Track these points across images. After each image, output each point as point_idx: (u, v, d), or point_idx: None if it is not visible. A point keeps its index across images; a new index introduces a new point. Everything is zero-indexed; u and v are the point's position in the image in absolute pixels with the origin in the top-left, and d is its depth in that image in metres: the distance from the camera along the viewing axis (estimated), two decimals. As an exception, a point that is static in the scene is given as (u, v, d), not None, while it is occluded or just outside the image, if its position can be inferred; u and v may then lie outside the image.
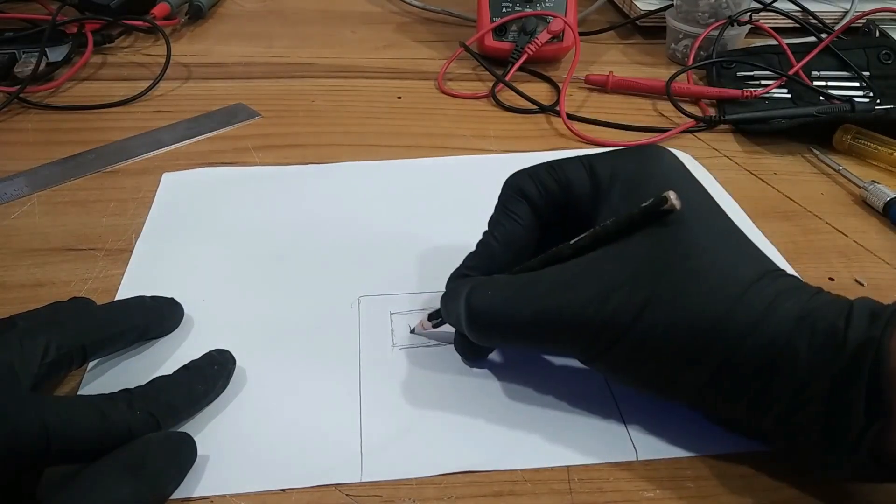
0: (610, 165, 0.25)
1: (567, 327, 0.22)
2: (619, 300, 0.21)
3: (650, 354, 0.21)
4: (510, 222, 0.26)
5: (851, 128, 0.42)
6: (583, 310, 0.22)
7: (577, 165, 0.26)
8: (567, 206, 0.26)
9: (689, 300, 0.21)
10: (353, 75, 0.51)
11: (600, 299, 0.22)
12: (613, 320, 0.21)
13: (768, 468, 0.23)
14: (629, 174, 0.24)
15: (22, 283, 0.31)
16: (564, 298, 0.22)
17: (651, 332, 0.21)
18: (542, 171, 0.26)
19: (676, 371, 0.22)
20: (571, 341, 0.23)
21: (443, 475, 0.23)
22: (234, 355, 0.26)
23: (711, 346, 0.21)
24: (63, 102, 0.46)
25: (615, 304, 0.21)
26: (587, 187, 0.25)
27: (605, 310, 0.21)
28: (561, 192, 0.26)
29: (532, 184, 0.26)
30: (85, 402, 0.22)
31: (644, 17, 0.58)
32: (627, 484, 0.23)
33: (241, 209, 0.36)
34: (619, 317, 0.21)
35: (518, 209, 0.26)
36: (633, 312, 0.21)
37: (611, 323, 0.21)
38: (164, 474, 0.22)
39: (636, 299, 0.21)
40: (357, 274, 0.32)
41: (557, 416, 0.25)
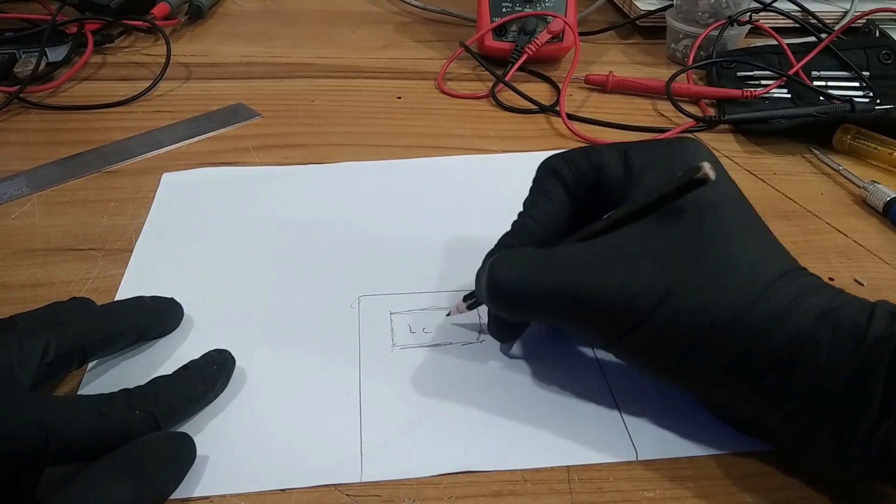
0: (644, 153, 0.25)
1: (588, 306, 0.22)
2: (643, 284, 0.21)
3: (670, 341, 0.21)
4: (545, 200, 0.26)
5: (851, 128, 0.42)
6: (605, 290, 0.22)
7: (611, 150, 0.26)
8: (598, 189, 0.26)
9: (713, 291, 0.21)
10: (353, 75, 0.51)
11: (624, 281, 0.22)
12: (636, 304, 0.21)
13: (768, 468, 0.23)
14: (662, 162, 0.24)
15: (22, 283, 0.31)
16: (587, 276, 0.22)
17: (672, 320, 0.21)
18: (576, 153, 0.26)
19: (695, 360, 0.22)
20: (591, 321, 0.23)
21: (443, 475, 0.23)
22: (233, 355, 0.26)
23: (732, 337, 0.21)
24: (63, 102, 0.46)
25: (639, 287, 0.21)
26: (620, 172, 0.25)
27: (627, 292, 0.21)
28: (593, 175, 0.26)
29: (565, 165, 0.26)
30: (84, 402, 0.22)
31: (644, 17, 0.58)
32: (627, 483, 0.23)
33: (241, 209, 0.36)
34: (641, 300, 0.21)
35: (552, 188, 0.26)
36: (656, 298, 0.21)
37: (633, 306, 0.21)
38: (164, 474, 0.22)
39: (660, 285, 0.21)
40: (357, 274, 0.32)
41: (557, 416, 0.25)
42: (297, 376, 0.27)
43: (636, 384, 0.26)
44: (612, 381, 0.26)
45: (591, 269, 0.22)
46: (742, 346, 0.21)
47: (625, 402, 0.26)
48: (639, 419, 0.25)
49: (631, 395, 0.26)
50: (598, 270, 0.22)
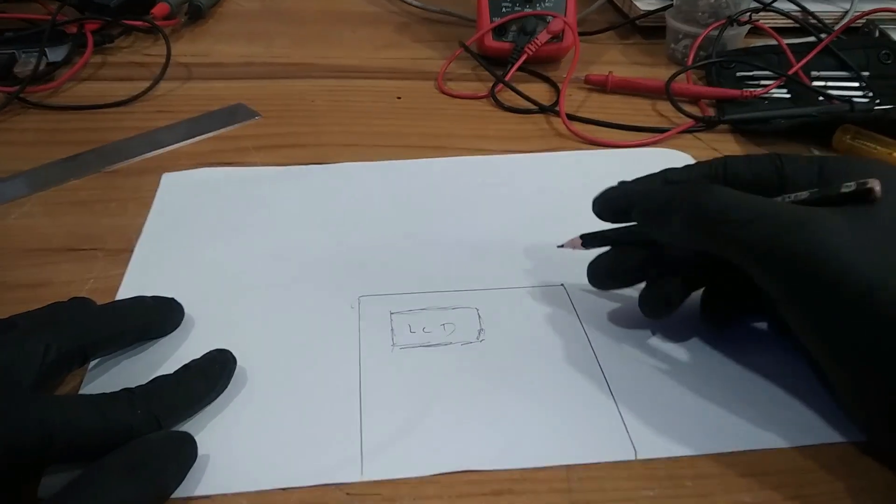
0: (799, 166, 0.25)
1: (805, 264, 0.21)
2: (864, 260, 0.21)
3: (887, 328, 0.20)
4: (703, 168, 0.27)
5: (851, 128, 0.42)
6: (826, 253, 0.21)
7: (766, 161, 0.26)
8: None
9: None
10: (353, 75, 0.51)
11: (844, 250, 0.21)
12: (854, 276, 0.21)
13: (766, 467, 0.24)
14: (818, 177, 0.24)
15: (22, 284, 0.31)
16: (807, 234, 0.21)
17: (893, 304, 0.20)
18: (736, 159, 0.27)
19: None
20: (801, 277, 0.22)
21: (443, 474, 0.23)
22: (234, 355, 0.26)
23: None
24: (63, 102, 0.46)
25: (860, 261, 0.21)
26: (774, 182, 0.25)
27: (847, 263, 0.21)
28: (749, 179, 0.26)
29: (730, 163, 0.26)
30: (86, 402, 0.22)
31: (644, 17, 0.58)
32: (627, 482, 0.23)
33: (242, 209, 0.36)
34: (861, 275, 0.20)
35: (715, 167, 0.27)
36: (877, 277, 0.20)
37: (852, 279, 0.21)
38: (165, 474, 0.22)
39: (882, 264, 0.21)
40: (357, 274, 0.32)
41: (557, 416, 0.25)
42: (297, 376, 0.27)
43: (635, 383, 0.26)
44: (611, 381, 0.26)
45: (808, 228, 0.21)
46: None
47: (624, 402, 0.26)
48: (638, 418, 0.25)
49: (630, 395, 0.26)
50: (815, 232, 0.21)
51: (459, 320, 0.29)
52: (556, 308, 0.30)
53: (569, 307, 0.30)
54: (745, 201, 0.23)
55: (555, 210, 0.36)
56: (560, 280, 0.31)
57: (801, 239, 0.21)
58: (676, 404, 0.25)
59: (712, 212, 0.23)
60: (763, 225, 0.22)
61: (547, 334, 0.29)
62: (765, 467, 0.24)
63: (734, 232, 0.23)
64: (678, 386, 0.26)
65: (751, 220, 0.22)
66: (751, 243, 0.22)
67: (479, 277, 0.31)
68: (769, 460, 0.24)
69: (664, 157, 0.42)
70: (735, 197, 0.23)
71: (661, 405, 0.25)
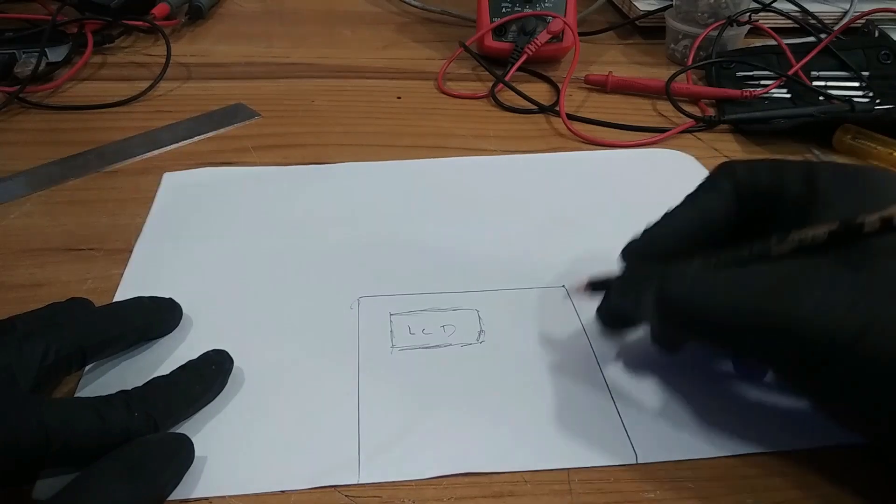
0: (834, 177, 0.23)
1: (780, 335, 0.20)
2: (841, 314, 0.19)
3: (873, 376, 0.19)
4: (711, 195, 0.25)
5: (851, 128, 0.42)
6: (799, 318, 0.20)
7: (796, 168, 0.24)
8: (774, 204, 0.24)
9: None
10: (353, 75, 0.51)
11: (820, 310, 0.20)
12: (833, 335, 0.19)
13: (768, 470, 0.23)
14: (855, 191, 0.23)
15: (21, 283, 0.31)
16: (779, 302, 0.20)
17: (876, 355, 0.19)
18: (759, 163, 0.25)
19: (892, 403, 0.20)
20: (779, 352, 0.21)
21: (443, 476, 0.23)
22: (231, 355, 0.26)
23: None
24: (63, 102, 0.46)
25: (836, 317, 0.19)
26: (803, 192, 0.23)
27: (823, 322, 0.20)
28: (772, 188, 0.24)
29: (746, 171, 0.25)
30: (83, 404, 0.22)
31: (643, 18, 0.58)
32: (627, 485, 0.23)
33: (241, 209, 0.36)
34: (840, 333, 0.19)
35: (724, 186, 0.25)
36: (857, 330, 0.19)
37: (829, 338, 0.19)
38: (162, 475, 0.21)
39: (861, 316, 0.19)
40: (357, 274, 0.32)
41: (557, 419, 0.25)
42: (296, 377, 0.26)
43: (636, 386, 0.26)
44: (612, 384, 0.26)
45: (780, 293, 0.20)
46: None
47: (624, 405, 0.26)
48: (638, 422, 0.25)
49: (630, 398, 0.26)
50: (789, 294, 0.20)
51: (459, 322, 0.29)
52: (556, 309, 0.30)
53: (570, 309, 0.30)
54: (710, 285, 0.22)
55: (555, 210, 0.36)
56: (561, 281, 0.31)
57: (778, 310, 0.20)
58: (678, 407, 0.25)
59: (680, 307, 0.22)
60: (733, 310, 0.21)
61: (547, 336, 0.29)
62: (766, 470, 0.23)
63: (708, 322, 0.22)
64: (679, 389, 0.26)
65: (718, 305, 0.21)
66: (725, 329, 0.22)
67: (480, 278, 0.31)
68: (771, 463, 0.24)
69: (664, 157, 0.42)
70: (700, 283, 0.22)
71: (661, 408, 0.25)
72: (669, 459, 0.24)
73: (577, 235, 0.34)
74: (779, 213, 0.24)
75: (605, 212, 0.36)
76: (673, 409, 0.25)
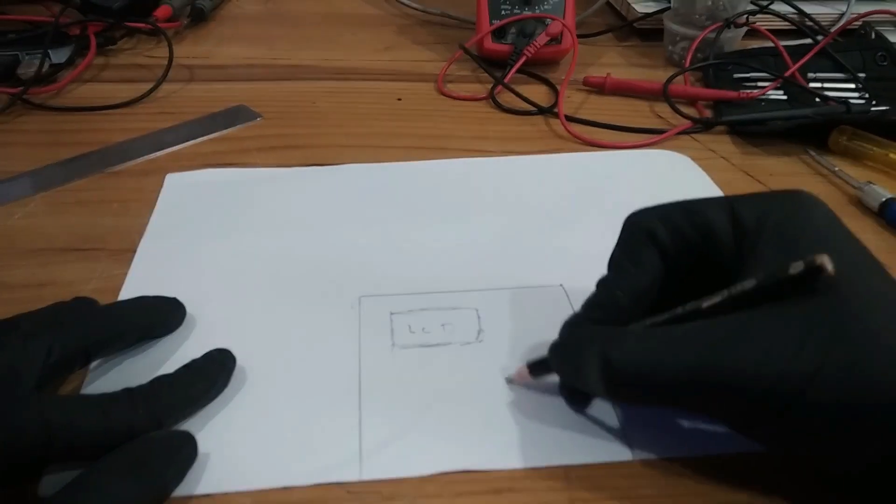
0: (755, 211, 0.23)
1: (725, 391, 0.20)
2: (785, 364, 0.19)
3: (823, 426, 0.19)
4: (636, 270, 0.24)
5: (847, 129, 0.42)
6: (744, 372, 0.19)
7: (715, 208, 0.23)
8: (704, 252, 0.23)
9: (869, 365, 0.19)
10: (354, 77, 0.52)
11: (763, 362, 0.19)
12: (780, 386, 0.19)
13: (764, 467, 0.24)
14: (777, 223, 0.22)
15: (25, 283, 0.31)
16: (722, 358, 0.20)
17: (826, 401, 0.19)
18: (676, 214, 0.24)
19: (851, 446, 0.19)
20: (727, 407, 0.21)
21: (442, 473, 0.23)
22: (234, 354, 0.27)
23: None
24: (66, 104, 0.46)
25: (781, 367, 0.19)
26: (729, 234, 0.23)
27: (769, 374, 0.19)
28: (699, 240, 0.23)
29: (664, 229, 0.24)
30: (87, 402, 0.22)
31: (641, 20, 0.58)
32: (624, 481, 0.23)
33: (244, 210, 0.36)
34: (786, 383, 0.19)
35: (646, 257, 0.24)
36: (804, 378, 0.19)
37: (777, 389, 0.19)
38: (166, 472, 0.22)
39: (806, 364, 0.19)
40: (357, 274, 0.32)
41: (554, 416, 0.25)
42: (297, 375, 0.27)
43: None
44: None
45: (722, 349, 0.20)
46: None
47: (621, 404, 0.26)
48: (635, 420, 0.25)
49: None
50: (731, 350, 0.20)
51: (459, 320, 0.29)
52: (554, 308, 0.30)
53: (567, 307, 0.30)
54: (651, 345, 0.21)
55: (553, 211, 0.37)
56: (559, 281, 0.32)
57: (723, 366, 0.20)
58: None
59: (624, 376, 0.21)
60: (677, 370, 0.20)
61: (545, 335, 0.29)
62: (762, 468, 0.24)
63: (654, 384, 0.21)
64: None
65: (661, 365, 0.20)
66: (670, 390, 0.21)
67: (479, 278, 0.32)
68: (766, 461, 0.24)
69: (662, 159, 0.42)
70: (641, 344, 0.21)
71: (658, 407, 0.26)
72: (665, 456, 0.24)
73: (575, 235, 0.35)
74: (713, 255, 0.23)
75: (603, 212, 0.36)
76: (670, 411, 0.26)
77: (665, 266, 0.24)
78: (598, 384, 0.22)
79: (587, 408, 0.25)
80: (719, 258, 0.23)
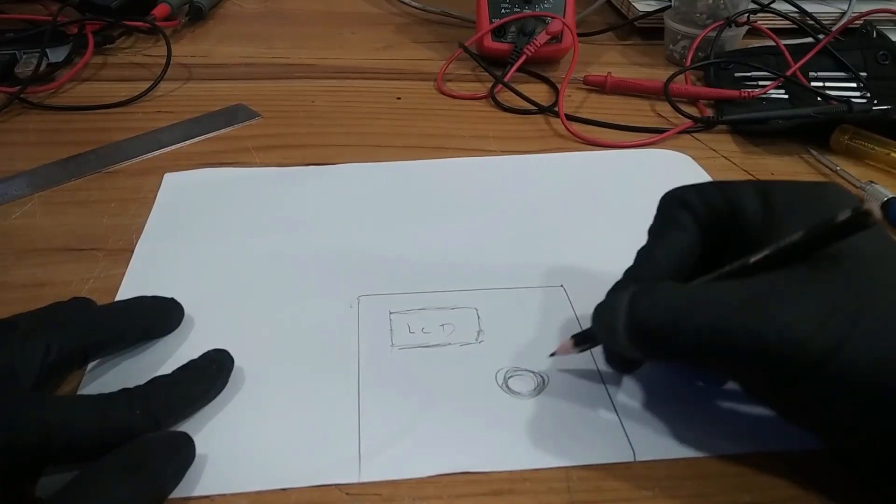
0: (787, 194, 0.23)
1: (747, 352, 0.20)
2: (812, 330, 0.19)
3: (843, 395, 0.19)
4: (676, 230, 0.24)
5: (849, 128, 0.42)
6: (769, 335, 0.19)
7: (749, 189, 0.24)
8: (733, 228, 0.24)
9: (892, 343, 0.19)
10: (353, 76, 0.51)
11: (790, 326, 0.19)
12: (804, 352, 0.19)
13: (765, 468, 0.24)
14: (808, 206, 0.22)
15: (23, 283, 0.31)
16: (747, 316, 0.20)
17: (849, 370, 0.19)
18: (709, 188, 0.25)
19: (874, 415, 0.19)
20: (748, 369, 0.21)
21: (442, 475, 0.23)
22: (232, 355, 0.26)
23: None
24: (64, 103, 0.46)
25: (807, 332, 0.19)
26: (759, 213, 0.23)
27: (795, 336, 0.19)
28: (728, 212, 0.24)
29: (698, 198, 0.24)
30: (85, 402, 0.22)
31: (642, 19, 0.58)
32: (625, 483, 0.23)
33: (242, 209, 0.36)
34: (811, 349, 0.19)
35: (684, 219, 0.24)
36: (830, 345, 0.19)
37: (801, 354, 0.19)
38: (164, 473, 0.22)
39: (833, 331, 0.19)
40: (357, 274, 0.32)
41: (556, 417, 0.25)
42: (296, 376, 0.27)
43: (634, 385, 0.26)
44: (609, 382, 0.27)
45: (750, 309, 0.20)
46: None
47: (622, 403, 0.26)
48: (636, 420, 0.25)
49: (628, 397, 0.26)
50: (759, 311, 0.20)
51: (458, 321, 0.29)
52: (555, 309, 0.30)
53: (568, 308, 0.30)
54: (678, 303, 0.21)
55: (554, 211, 0.37)
56: (559, 281, 0.32)
57: (749, 327, 0.20)
58: (675, 406, 0.26)
59: (647, 327, 0.21)
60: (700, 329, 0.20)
61: (546, 335, 0.29)
62: (763, 468, 0.24)
63: (676, 341, 0.21)
64: (677, 388, 0.26)
65: (686, 323, 0.21)
66: (693, 348, 0.21)
67: (479, 278, 0.32)
68: (768, 461, 0.24)
69: (662, 158, 0.42)
70: (668, 301, 0.21)
71: (659, 407, 0.25)
72: (667, 458, 0.24)
73: (575, 235, 0.35)
74: (740, 233, 0.24)
75: (604, 212, 0.36)
76: (670, 408, 0.25)
77: (700, 232, 0.24)
78: (623, 337, 0.22)
79: (631, 373, 0.26)
80: (748, 238, 0.23)
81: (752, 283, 0.21)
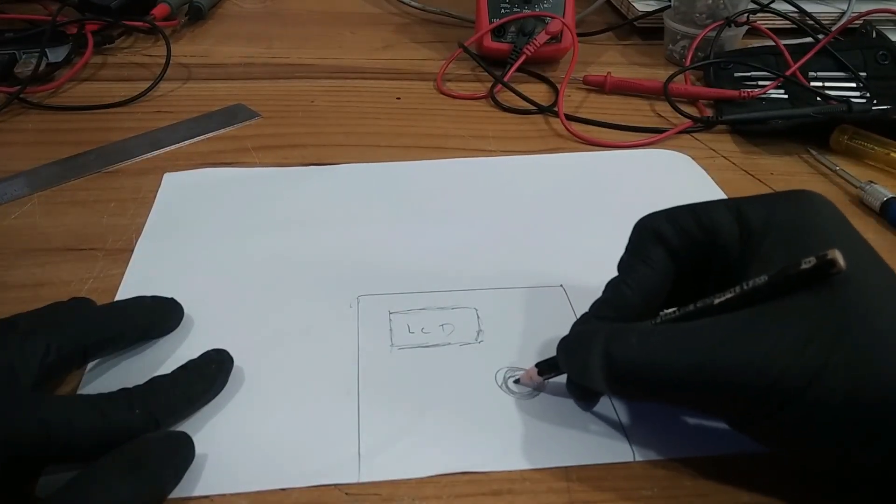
0: (762, 211, 0.23)
1: (726, 387, 0.20)
2: (789, 361, 0.19)
3: (823, 424, 0.19)
4: (645, 268, 0.24)
5: (848, 128, 0.42)
6: (746, 368, 0.19)
7: (722, 210, 0.24)
8: (711, 253, 0.24)
9: (875, 364, 0.18)
10: (353, 76, 0.51)
11: (767, 359, 0.19)
12: (782, 383, 0.19)
13: (765, 467, 0.24)
14: (784, 223, 0.22)
15: (22, 283, 0.31)
16: (725, 355, 0.20)
17: (827, 399, 0.19)
18: (682, 214, 0.24)
19: (852, 445, 0.19)
20: (728, 403, 0.21)
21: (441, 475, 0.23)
22: (232, 355, 0.26)
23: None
24: (63, 103, 0.46)
25: (784, 364, 0.19)
26: (735, 235, 0.23)
27: (772, 369, 0.19)
28: (705, 239, 0.23)
29: (670, 227, 0.24)
30: (84, 402, 0.22)
31: (642, 18, 0.58)
32: (625, 482, 0.23)
33: (242, 209, 0.36)
34: (789, 380, 0.19)
35: (653, 254, 0.24)
36: (806, 375, 0.19)
37: (779, 386, 0.19)
38: (164, 473, 0.22)
39: (810, 361, 0.19)
40: (356, 274, 0.32)
41: (555, 417, 0.25)
42: (295, 376, 0.27)
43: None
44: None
45: (726, 346, 0.20)
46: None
47: (622, 405, 0.26)
48: (636, 421, 0.25)
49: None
50: (734, 347, 0.20)
51: (458, 321, 0.29)
52: (554, 309, 0.30)
53: (567, 308, 0.30)
54: (655, 342, 0.21)
55: (553, 211, 0.37)
56: (559, 281, 0.32)
57: (727, 364, 0.20)
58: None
59: (625, 372, 0.21)
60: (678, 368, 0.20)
61: (545, 335, 0.29)
62: (762, 468, 0.24)
63: (655, 381, 0.21)
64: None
65: (664, 362, 0.21)
66: (671, 387, 0.21)
67: (478, 278, 0.32)
68: (767, 461, 0.24)
69: (662, 158, 0.42)
70: (645, 341, 0.21)
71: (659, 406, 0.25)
72: (666, 457, 0.24)
73: (575, 235, 0.35)
74: (719, 252, 0.23)
75: (603, 212, 0.36)
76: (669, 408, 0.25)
77: (673, 264, 0.24)
78: (600, 380, 0.22)
79: (595, 405, 0.25)
80: (726, 259, 0.23)
81: (727, 319, 0.21)
